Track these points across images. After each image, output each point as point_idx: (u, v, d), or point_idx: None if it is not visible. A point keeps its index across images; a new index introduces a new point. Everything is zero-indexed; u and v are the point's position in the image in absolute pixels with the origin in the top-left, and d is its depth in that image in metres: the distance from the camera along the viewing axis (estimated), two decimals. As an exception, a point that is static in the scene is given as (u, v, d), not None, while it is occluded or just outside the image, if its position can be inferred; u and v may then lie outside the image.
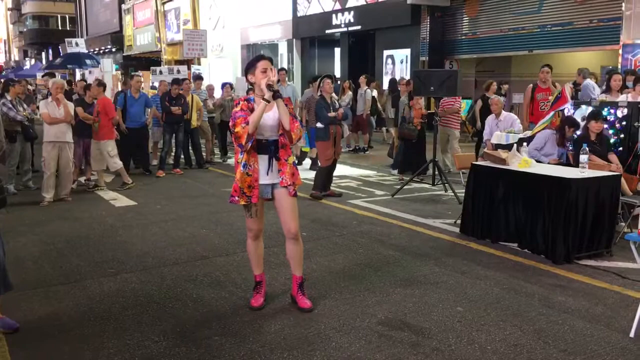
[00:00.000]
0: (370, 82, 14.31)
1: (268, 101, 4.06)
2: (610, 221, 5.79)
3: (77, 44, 26.86)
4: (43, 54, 57.12)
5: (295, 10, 22.01)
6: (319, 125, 8.48)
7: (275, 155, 4.23)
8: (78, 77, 23.15)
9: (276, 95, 4.08)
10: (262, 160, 4.22)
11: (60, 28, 56.17)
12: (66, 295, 4.78)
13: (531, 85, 9.64)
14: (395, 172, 10.56)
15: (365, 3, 18.73)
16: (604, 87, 9.36)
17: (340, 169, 10.57)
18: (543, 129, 7.71)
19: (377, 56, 19.27)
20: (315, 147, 10.70)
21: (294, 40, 22.50)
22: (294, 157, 4.45)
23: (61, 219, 7.49)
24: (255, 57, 4.36)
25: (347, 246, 6.18)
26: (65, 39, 28.30)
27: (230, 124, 4.18)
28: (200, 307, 4.50)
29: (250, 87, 4.54)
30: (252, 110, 4.14)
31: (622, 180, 6.17)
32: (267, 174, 4.23)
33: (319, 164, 8.89)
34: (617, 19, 12.62)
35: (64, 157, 8.41)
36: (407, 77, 14.81)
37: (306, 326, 4.12)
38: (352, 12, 19.16)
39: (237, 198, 4.25)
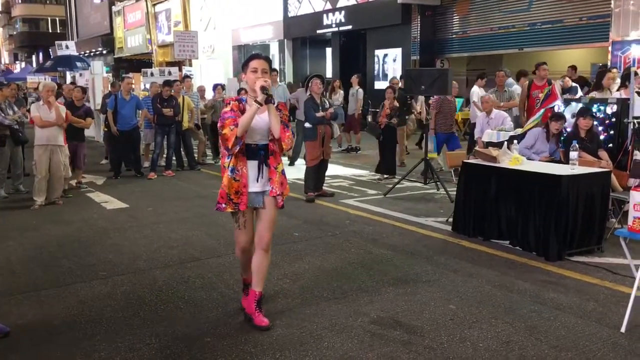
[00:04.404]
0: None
1: (260, 104, 3.80)
2: (601, 217, 5.81)
3: (67, 47, 26.76)
4: (33, 57, 56.86)
5: (286, 10, 22.00)
6: (307, 125, 8.47)
7: (265, 161, 3.98)
8: (69, 79, 23.02)
9: (269, 99, 3.84)
10: (252, 166, 3.96)
11: (50, 31, 55.96)
12: (57, 298, 4.75)
13: (527, 82, 9.67)
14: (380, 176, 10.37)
15: (355, 3, 18.76)
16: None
17: (333, 169, 10.56)
18: (533, 126, 7.74)
19: (368, 56, 19.29)
20: (440, 153, 10.72)
21: (285, 40, 22.50)
22: (283, 165, 4.18)
23: (52, 222, 7.45)
24: (251, 54, 4.07)
25: (340, 246, 6.18)
26: (55, 42, 28.19)
27: (219, 124, 3.89)
28: (192, 309, 4.49)
29: (241, 88, 4.45)
30: (242, 111, 3.88)
31: (613, 176, 6.19)
32: (257, 181, 3.98)
33: (307, 164, 8.86)
34: (607, 16, 12.68)
35: (55, 160, 8.36)
36: (399, 76, 14.81)
37: (298, 326, 4.11)
38: (342, 12, 19.18)
39: (223, 205, 3.99)
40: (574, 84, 10.07)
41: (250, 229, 4.09)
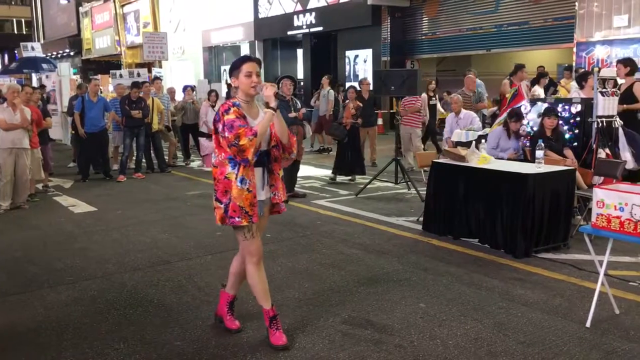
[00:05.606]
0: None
1: (275, 110, 3.67)
2: (567, 215, 5.93)
3: (33, 48, 26.18)
4: (-1, 58, 55.61)
5: (256, 11, 21.96)
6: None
7: (268, 167, 3.83)
8: (35, 81, 22.57)
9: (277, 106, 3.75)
10: (257, 173, 3.77)
11: (16, 32, 54.81)
12: (23, 305, 4.65)
13: (507, 81, 9.81)
14: (333, 176, 10.31)
15: (326, 4, 18.82)
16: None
17: (304, 170, 10.56)
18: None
19: (339, 57, 19.36)
20: None
21: (256, 41, 22.45)
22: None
23: (18, 227, 7.30)
24: (241, 57, 3.91)
25: (311, 246, 6.18)
26: (21, 43, 27.58)
27: (230, 133, 3.55)
28: (162, 313, 4.44)
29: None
30: (243, 117, 3.67)
31: (578, 174, 6.32)
32: (262, 189, 3.81)
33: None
34: (571, 18, 12.97)
35: (21, 164, 8.20)
36: (370, 77, 14.89)
37: (269, 328, 4.09)
38: (313, 14, 19.23)
39: (238, 219, 3.67)
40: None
41: (259, 235, 3.89)
